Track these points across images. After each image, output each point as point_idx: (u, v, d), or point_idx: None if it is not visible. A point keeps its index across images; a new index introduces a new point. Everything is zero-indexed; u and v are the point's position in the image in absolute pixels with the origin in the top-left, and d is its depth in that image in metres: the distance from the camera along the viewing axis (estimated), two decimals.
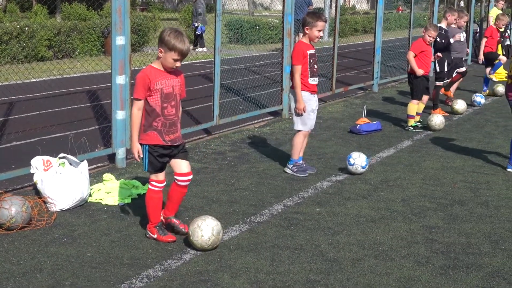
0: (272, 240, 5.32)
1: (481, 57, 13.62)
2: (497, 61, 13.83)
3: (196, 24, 21.44)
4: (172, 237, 5.24)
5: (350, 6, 55.32)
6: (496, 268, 4.85)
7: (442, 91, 11.56)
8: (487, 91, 13.45)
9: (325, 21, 7.16)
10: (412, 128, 9.80)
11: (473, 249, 5.20)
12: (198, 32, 21.60)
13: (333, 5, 14.01)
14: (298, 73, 7.02)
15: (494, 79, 13.68)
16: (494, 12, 20.21)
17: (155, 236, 5.24)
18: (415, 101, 9.85)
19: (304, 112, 7.06)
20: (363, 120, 9.74)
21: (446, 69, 11.01)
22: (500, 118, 10.92)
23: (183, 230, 5.27)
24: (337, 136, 9.28)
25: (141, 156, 5.11)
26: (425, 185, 6.97)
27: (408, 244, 5.30)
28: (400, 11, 44.11)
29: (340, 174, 7.31)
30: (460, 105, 11.19)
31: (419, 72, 9.57)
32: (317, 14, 7.22)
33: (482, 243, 5.35)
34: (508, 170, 7.63)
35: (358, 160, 7.26)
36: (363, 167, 7.28)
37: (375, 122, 9.70)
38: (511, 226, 5.75)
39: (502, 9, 20.39)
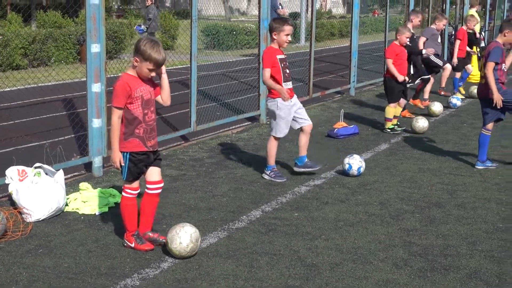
0: (250, 246, 5.31)
1: (455, 60, 13.67)
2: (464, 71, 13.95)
3: (141, 27, 20.68)
4: (150, 245, 5.21)
5: (327, 10, 55.60)
6: (473, 270, 4.88)
7: (411, 101, 11.64)
8: (457, 93, 13.45)
9: (292, 25, 7.17)
10: (389, 130, 9.86)
11: (450, 251, 5.23)
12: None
13: (309, 9, 14.05)
14: (268, 74, 7.06)
15: (459, 97, 13.53)
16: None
17: (133, 245, 5.20)
18: (392, 105, 9.92)
19: (287, 100, 7.11)
20: (341, 124, 9.77)
21: (420, 69, 11.16)
22: (476, 120, 10.98)
23: (163, 241, 5.19)
24: (315, 141, 9.25)
25: (123, 164, 5.08)
26: (403, 188, 7.00)
27: (386, 247, 5.31)
28: (376, 15, 44.40)
29: (318, 179, 7.32)
30: (437, 106, 11.27)
31: (400, 78, 9.67)
32: (283, 18, 7.30)
33: (460, 244, 5.38)
34: (477, 167, 7.73)
35: (356, 164, 7.37)
36: (358, 171, 7.38)
37: (352, 126, 9.74)
38: (488, 227, 5.80)
39: (477, 11, 20.61)
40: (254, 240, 5.45)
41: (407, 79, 9.85)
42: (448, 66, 12.85)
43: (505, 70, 7.72)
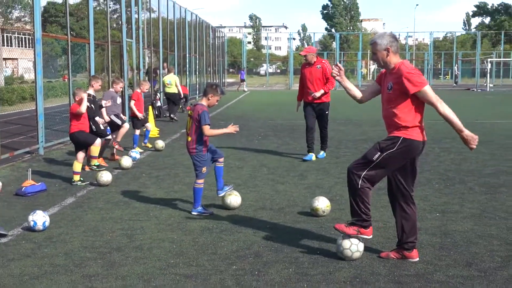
0: None
1: (140, 115, 13.96)
2: (145, 129, 14.35)
3: None
4: None
5: (19, 75, 53.14)
6: None
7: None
8: (137, 147, 13.66)
9: None
10: (78, 183, 9.68)
11: None
12: None
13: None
14: None
15: (138, 151, 13.79)
16: (170, 77, 21.58)
17: None
18: (80, 159, 9.80)
19: None
20: (29, 182, 9.30)
21: (102, 127, 11.26)
22: (154, 169, 11.30)
23: None
24: (3, 200, 8.69)
25: None
26: (86, 237, 6.84)
27: None
28: (66, 79, 43.68)
29: (4, 237, 6.81)
30: (126, 161, 11.34)
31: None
32: None
33: (136, 283, 5.38)
34: (193, 213, 7.88)
35: (40, 220, 7.04)
36: (44, 226, 7.05)
37: (39, 183, 9.33)
38: (161, 264, 5.90)
39: (174, 73, 21.82)
40: None
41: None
42: (126, 125, 13.07)
43: None
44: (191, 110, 7.89)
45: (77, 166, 9.84)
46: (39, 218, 7.02)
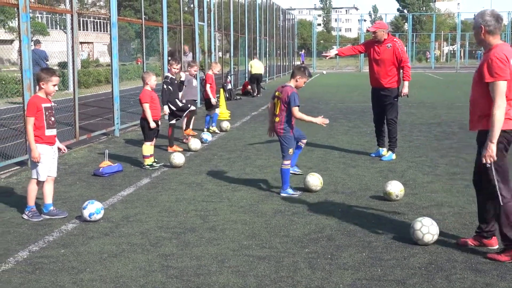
0: (17, 287, 4.94)
1: (213, 100, 14.07)
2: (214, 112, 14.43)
3: None
4: None
5: (94, 59, 54.61)
6: (222, 285, 4.98)
7: (186, 132, 12.14)
8: (210, 128, 13.93)
9: (59, 76, 7.00)
10: (148, 167, 9.83)
11: (203, 270, 5.30)
12: None
13: (77, 59, 13.60)
14: (30, 124, 6.80)
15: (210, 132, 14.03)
16: (258, 62, 22.16)
17: None
18: (148, 143, 9.93)
19: (39, 160, 6.80)
20: (106, 163, 9.56)
21: (181, 104, 11.45)
22: (225, 152, 11.40)
23: None
24: (82, 180, 8.99)
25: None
26: (161, 217, 6.99)
27: (146, 273, 5.24)
28: (139, 63, 44.52)
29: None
30: (194, 143, 11.49)
31: (153, 124, 9.83)
32: (51, 70, 7.09)
33: (211, 263, 5.47)
34: (282, 195, 7.97)
35: (91, 207, 6.80)
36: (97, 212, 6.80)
37: (116, 164, 9.58)
38: (235, 246, 5.97)
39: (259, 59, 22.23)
40: (21, 280, 5.08)
41: (154, 125, 9.88)
42: (192, 108, 13.18)
43: None
44: (279, 92, 7.97)
45: (146, 150, 9.94)
46: (92, 207, 6.82)
